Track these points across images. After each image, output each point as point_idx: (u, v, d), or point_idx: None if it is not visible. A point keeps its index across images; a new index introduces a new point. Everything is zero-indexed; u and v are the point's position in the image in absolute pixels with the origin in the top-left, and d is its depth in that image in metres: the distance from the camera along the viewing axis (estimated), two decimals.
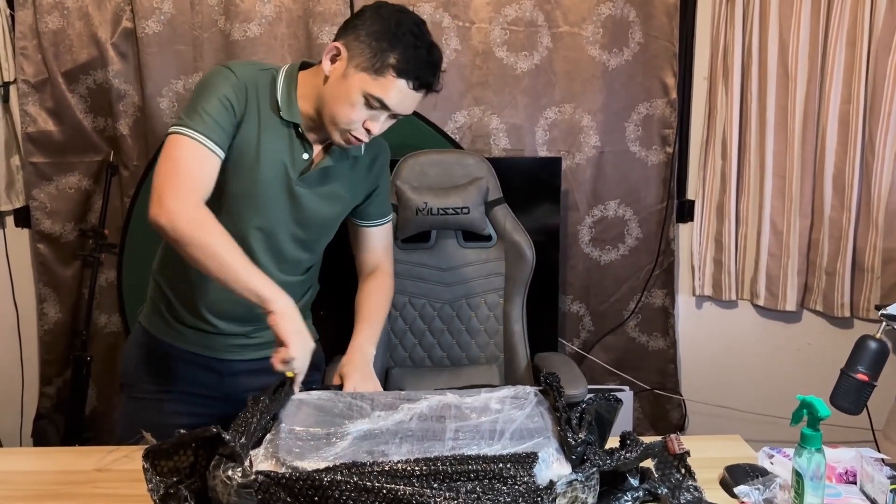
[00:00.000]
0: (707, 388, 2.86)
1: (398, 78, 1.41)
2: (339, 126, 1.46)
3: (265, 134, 1.48)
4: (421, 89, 1.44)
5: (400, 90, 1.42)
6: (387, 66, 1.40)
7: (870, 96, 2.46)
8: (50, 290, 2.72)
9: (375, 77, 1.40)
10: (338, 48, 1.44)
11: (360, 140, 1.48)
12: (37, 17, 2.53)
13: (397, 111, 1.45)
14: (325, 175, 1.56)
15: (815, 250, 2.62)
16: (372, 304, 1.68)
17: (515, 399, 1.33)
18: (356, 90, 1.41)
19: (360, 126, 1.45)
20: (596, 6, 2.60)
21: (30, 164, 2.64)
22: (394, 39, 1.40)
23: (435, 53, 1.46)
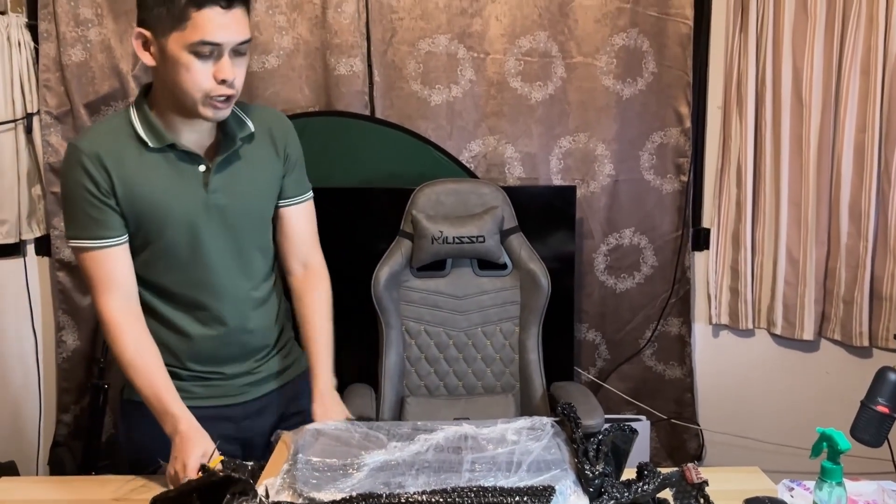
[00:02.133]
0: (725, 417, 2.83)
1: (202, 9, 1.31)
2: (196, 96, 1.37)
3: (150, 175, 1.43)
4: (233, 4, 1.34)
5: (212, 19, 1.32)
6: (183, 7, 1.31)
7: (885, 124, 2.46)
8: (69, 317, 2.75)
9: (184, 26, 1.32)
10: (139, 33, 1.38)
11: (225, 97, 1.39)
12: (60, 50, 2.58)
13: (228, 41, 1.34)
14: (228, 171, 1.48)
15: (832, 279, 2.60)
16: (317, 326, 1.61)
17: (532, 430, 1.32)
18: (179, 51, 1.33)
19: (213, 83, 1.36)
20: (609, 37, 2.63)
21: (51, 194, 2.67)
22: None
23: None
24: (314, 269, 1.65)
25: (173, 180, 1.44)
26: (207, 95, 1.37)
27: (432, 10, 2.60)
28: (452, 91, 2.66)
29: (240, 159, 1.50)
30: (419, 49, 2.63)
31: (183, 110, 1.41)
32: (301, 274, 1.65)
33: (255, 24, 2.58)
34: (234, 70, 1.37)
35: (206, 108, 1.39)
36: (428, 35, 2.61)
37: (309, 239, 1.65)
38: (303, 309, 1.63)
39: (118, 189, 1.41)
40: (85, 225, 1.41)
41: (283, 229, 1.62)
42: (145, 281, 1.50)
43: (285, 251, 1.64)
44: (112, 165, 1.41)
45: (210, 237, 1.48)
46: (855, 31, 2.44)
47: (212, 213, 1.47)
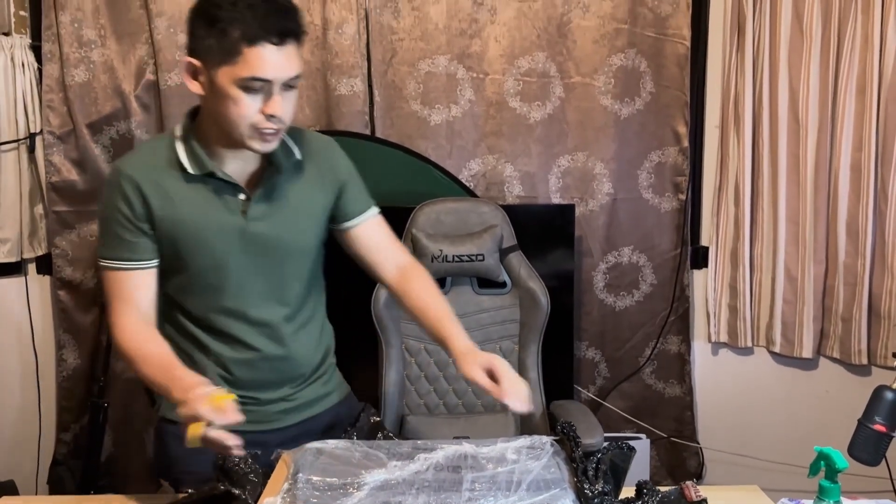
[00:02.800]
0: (724, 435, 2.83)
1: (254, 45, 1.28)
2: (242, 130, 1.35)
3: (188, 201, 1.42)
4: (285, 40, 1.31)
5: (264, 56, 1.29)
6: (235, 42, 1.28)
7: (881, 144, 2.48)
8: (69, 336, 2.75)
9: (234, 61, 1.29)
10: (189, 63, 1.35)
11: (272, 130, 1.36)
12: (63, 70, 2.60)
13: (279, 77, 1.32)
14: (270, 199, 1.46)
15: (830, 297, 2.61)
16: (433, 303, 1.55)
17: (532, 449, 1.33)
18: (228, 85, 1.31)
19: (262, 117, 1.34)
20: (607, 57, 2.65)
21: (53, 213, 2.69)
22: (227, 14, 1.29)
23: (274, 1, 1.32)
24: (407, 267, 1.61)
25: (212, 207, 1.43)
26: (255, 128, 1.35)
27: (432, 32, 2.63)
28: (452, 111, 2.68)
29: (284, 187, 1.48)
30: (419, 69, 2.65)
31: (229, 140, 1.40)
32: (396, 275, 1.61)
33: None
34: (284, 104, 1.35)
35: (254, 140, 1.37)
36: (428, 56, 2.64)
37: (390, 246, 1.62)
38: (411, 299, 1.58)
39: (155, 215, 1.41)
40: (115, 246, 1.42)
41: (361, 247, 1.60)
42: (180, 305, 1.51)
43: (372, 266, 1.61)
44: (150, 191, 1.40)
45: (245, 265, 1.47)
46: (850, 51, 2.46)
47: (248, 242, 1.45)
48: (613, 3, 2.63)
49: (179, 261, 1.46)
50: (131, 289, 1.43)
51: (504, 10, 2.63)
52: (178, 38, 2.60)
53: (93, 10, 2.59)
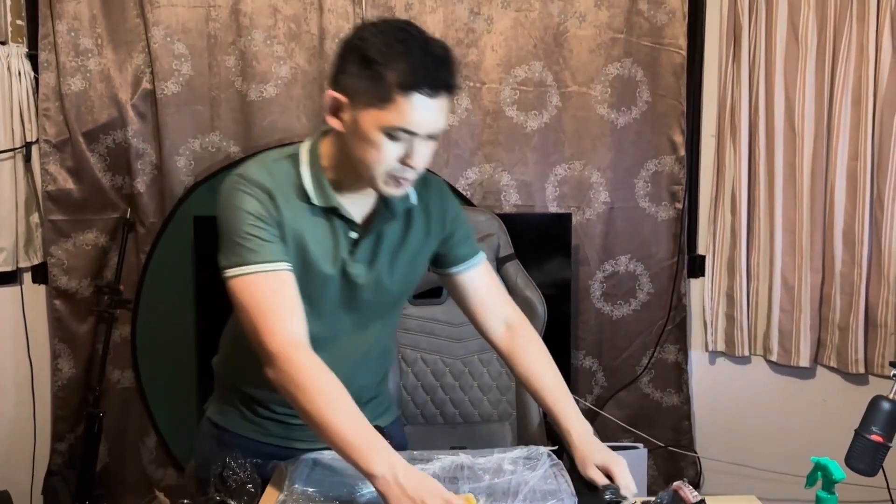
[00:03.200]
0: (722, 445, 2.82)
1: (408, 94, 1.22)
2: (377, 175, 1.28)
3: (305, 229, 1.34)
4: (439, 93, 1.24)
5: (416, 106, 1.23)
6: (389, 88, 1.22)
7: (877, 153, 2.48)
8: (65, 345, 2.74)
9: (384, 106, 1.23)
10: (335, 97, 1.29)
11: (406, 179, 1.30)
12: (60, 79, 2.60)
13: (426, 131, 1.26)
14: (378, 242, 1.41)
15: (827, 305, 2.61)
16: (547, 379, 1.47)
17: (528, 460, 1.33)
18: (372, 129, 1.24)
19: (398, 163, 1.28)
20: (603, 66, 2.66)
21: (48, 222, 2.68)
22: (383, 57, 1.22)
23: (434, 48, 1.26)
24: (516, 325, 1.54)
25: (323, 238, 1.37)
26: (391, 174, 1.29)
27: None
28: (449, 120, 2.67)
29: (393, 232, 1.43)
30: None
31: (358, 179, 1.34)
32: (504, 333, 1.54)
33: (253, 53, 2.61)
34: (424, 154, 1.29)
35: (388, 186, 1.31)
36: None
37: (496, 297, 1.55)
38: (520, 366, 1.50)
39: (285, 226, 1.32)
40: (252, 250, 1.28)
41: (464, 295, 1.54)
42: None
43: (477, 315, 1.54)
44: (281, 202, 1.32)
45: (338, 299, 1.41)
46: (846, 61, 2.47)
47: (348, 282, 1.40)
48: (610, 13, 2.63)
49: None
50: (285, 294, 1.29)
51: (500, 20, 2.64)
52: (175, 47, 2.61)
53: (89, 19, 2.60)
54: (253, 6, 2.60)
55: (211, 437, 1.54)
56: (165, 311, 2.67)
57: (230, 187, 1.33)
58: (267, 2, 2.60)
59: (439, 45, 1.28)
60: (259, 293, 1.27)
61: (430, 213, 1.47)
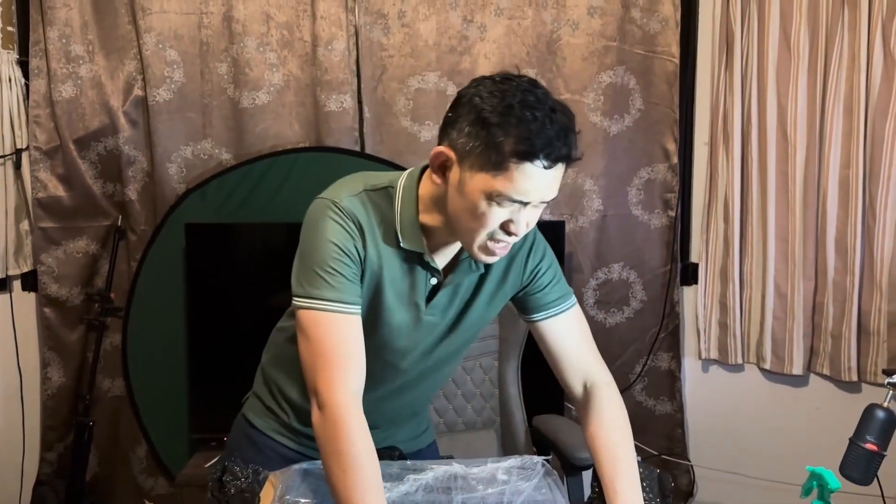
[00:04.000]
0: (716, 453, 2.82)
1: (522, 163, 1.13)
2: (474, 240, 1.22)
3: (388, 267, 1.30)
4: (556, 164, 1.16)
5: (530, 176, 1.14)
6: (504, 154, 1.13)
7: (869, 161, 2.49)
8: (54, 354, 2.72)
9: (497, 173, 1.14)
10: (443, 153, 1.20)
11: (503, 245, 1.23)
12: (51, 86, 2.59)
13: (538, 200, 1.18)
14: (455, 293, 1.35)
15: (819, 313, 2.62)
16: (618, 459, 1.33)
17: (522, 469, 1.31)
18: (479, 195, 1.17)
19: (500, 230, 1.20)
20: (597, 74, 2.66)
21: (39, 229, 2.66)
22: (502, 120, 1.14)
23: (559, 117, 1.16)
24: (598, 388, 1.41)
25: (402, 281, 1.32)
26: (490, 238, 1.22)
27: (422, 48, 2.63)
28: None
29: (472, 284, 1.37)
30: (409, 86, 2.65)
31: (452, 236, 1.28)
32: (583, 394, 1.42)
33: (245, 60, 2.61)
34: (531, 221, 1.22)
35: (482, 251, 1.24)
36: (418, 72, 2.64)
37: (581, 351, 1.42)
38: (591, 432, 1.38)
39: (367, 262, 1.28)
40: (332, 286, 1.24)
41: (550, 345, 1.43)
42: None
43: (559, 369, 1.43)
44: (369, 238, 1.27)
45: (401, 347, 1.37)
46: (837, 69, 2.48)
47: (419, 328, 1.35)
48: (602, 21, 2.64)
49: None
50: (351, 341, 1.25)
51: (493, 28, 2.64)
52: (167, 54, 2.60)
53: (81, 25, 2.59)
54: (245, 13, 2.59)
55: (242, 433, 1.51)
56: (156, 320, 2.65)
57: (321, 212, 1.28)
58: (259, 9, 2.60)
59: (563, 111, 1.18)
60: (328, 334, 1.24)
61: (514, 261, 1.38)
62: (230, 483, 1.39)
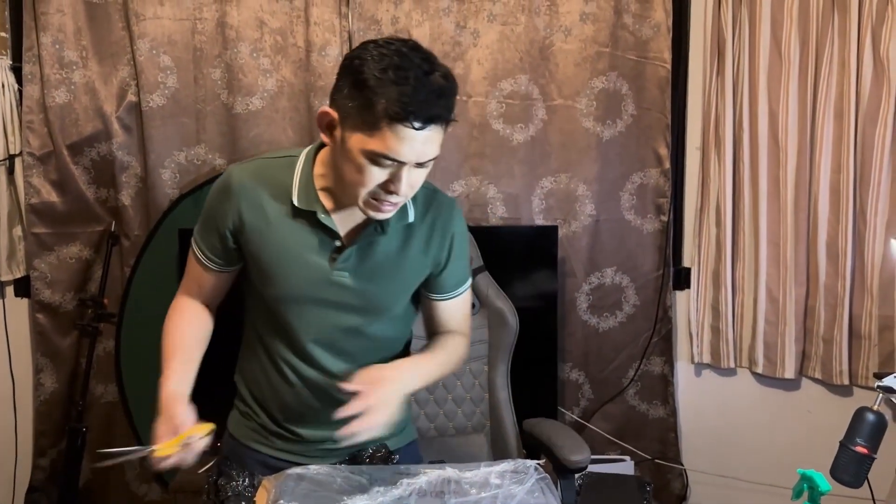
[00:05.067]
0: (709, 457, 2.83)
1: (394, 124, 1.20)
2: (359, 196, 1.29)
3: (281, 231, 1.39)
4: (429, 125, 1.22)
5: (402, 137, 1.21)
6: (378, 116, 1.20)
7: (859, 166, 2.51)
8: (47, 359, 2.71)
9: (371, 132, 1.22)
10: (328, 114, 1.29)
11: (389, 203, 1.30)
12: (44, 91, 2.59)
13: (412, 160, 1.25)
14: (364, 256, 1.41)
15: (811, 318, 2.63)
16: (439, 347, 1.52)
17: (515, 473, 1.32)
18: (358, 152, 1.24)
19: (380, 189, 1.28)
20: (589, 80, 2.68)
21: (32, 235, 2.66)
22: (377, 83, 1.20)
23: (432, 80, 1.22)
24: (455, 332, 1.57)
25: (303, 244, 1.40)
26: (373, 197, 1.29)
27: None
28: None
29: (383, 247, 1.42)
30: None
31: (344, 194, 1.36)
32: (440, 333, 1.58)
33: (239, 66, 2.61)
34: (411, 181, 1.28)
35: (369, 208, 1.31)
36: None
37: (459, 323, 1.57)
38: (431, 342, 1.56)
39: (247, 233, 1.42)
40: (205, 239, 1.47)
41: (434, 317, 1.56)
42: (254, 325, 1.53)
43: (433, 327, 1.58)
44: (251, 208, 1.41)
45: (318, 309, 1.43)
46: (828, 75, 2.50)
47: (329, 289, 1.41)
48: (595, 27, 2.65)
49: (266, 286, 1.44)
50: (203, 283, 1.51)
51: (486, 34, 2.65)
52: (161, 60, 2.60)
53: (74, 31, 2.59)
54: (239, 19, 2.60)
55: (228, 447, 1.58)
56: (150, 325, 2.60)
57: (221, 179, 1.44)
58: (253, 15, 2.61)
59: (440, 74, 1.23)
60: (192, 270, 1.51)
61: (433, 231, 1.46)
62: (226, 486, 1.39)
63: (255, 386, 1.54)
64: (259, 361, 1.52)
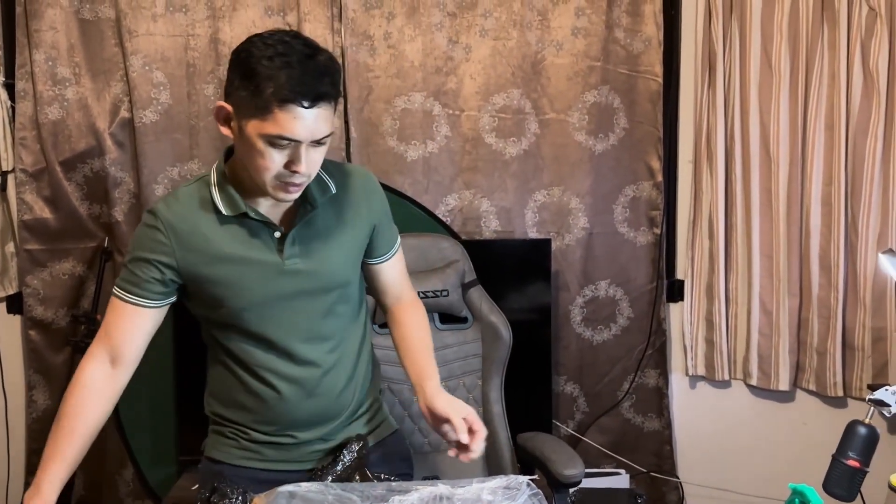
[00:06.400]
0: (704, 469, 2.82)
1: (284, 105, 1.28)
2: (266, 180, 1.36)
3: (224, 244, 1.44)
4: (317, 104, 1.30)
5: (294, 117, 1.29)
6: (267, 101, 1.28)
7: (850, 178, 2.52)
8: (40, 376, 2.70)
9: (265, 117, 1.29)
10: (223, 107, 1.36)
11: (294, 185, 1.37)
12: (37, 108, 2.59)
13: (307, 138, 1.32)
14: (307, 236, 1.47)
15: (805, 329, 2.63)
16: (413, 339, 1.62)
17: (508, 490, 1.31)
18: (256, 138, 1.31)
19: (285, 170, 1.34)
20: (581, 94, 2.69)
21: (24, 251, 2.66)
22: (263, 70, 1.28)
23: (315, 62, 1.31)
24: (406, 301, 1.68)
25: (248, 248, 1.44)
26: (279, 180, 1.36)
27: (408, 69, 2.65)
28: (428, 147, 2.69)
29: (319, 223, 1.49)
30: (395, 106, 2.67)
31: (257, 186, 1.41)
32: (394, 307, 1.68)
33: None
34: (310, 159, 1.35)
35: (277, 191, 1.38)
36: (404, 93, 2.66)
37: (400, 282, 1.68)
38: (397, 331, 1.66)
39: (189, 261, 1.43)
40: (128, 280, 1.45)
41: (376, 280, 1.65)
42: (222, 344, 1.52)
43: (378, 294, 1.68)
44: (185, 236, 1.43)
45: (283, 303, 1.48)
46: (818, 88, 2.51)
47: (287, 280, 1.46)
48: (586, 41, 2.66)
49: (220, 303, 1.46)
50: (114, 320, 1.46)
51: (479, 49, 2.66)
52: (154, 76, 2.61)
53: (67, 48, 2.59)
54: (232, 35, 2.61)
55: (211, 472, 1.56)
56: None
57: (144, 219, 1.47)
58: (245, 31, 2.61)
59: (322, 55, 1.33)
60: (109, 312, 1.48)
61: (357, 201, 1.54)
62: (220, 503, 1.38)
63: (237, 406, 1.54)
64: (237, 380, 1.52)
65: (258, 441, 1.55)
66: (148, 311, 1.46)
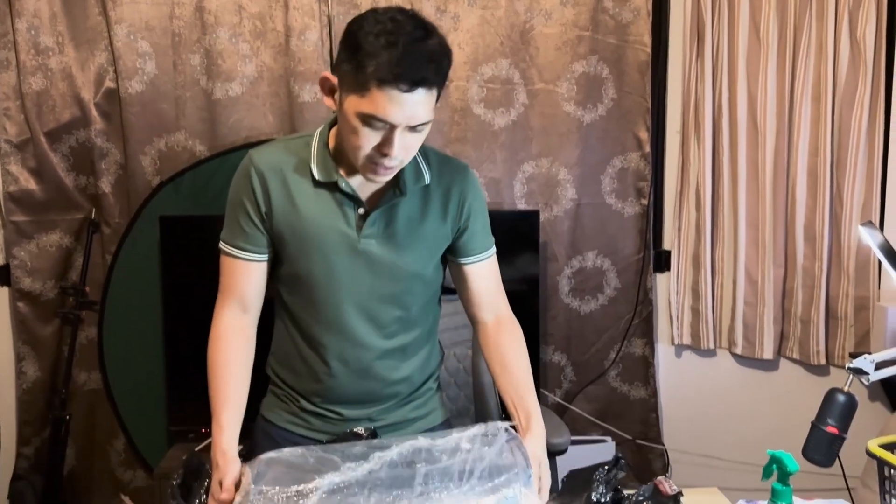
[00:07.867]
0: (689, 437, 2.86)
1: (383, 86, 1.24)
2: (357, 158, 1.34)
3: (310, 206, 1.42)
4: (416, 89, 1.25)
5: (391, 99, 1.25)
6: (367, 79, 1.25)
7: (836, 149, 2.53)
8: (29, 348, 2.71)
9: (363, 94, 1.26)
10: (327, 78, 1.34)
11: (385, 167, 1.34)
12: (20, 78, 2.57)
13: (403, 122, 1.28)
14: (389, 220, 1.44)
15: (789, 299, 2.66)
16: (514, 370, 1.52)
17: (486, 437, 1.31)
18: (352, 114, 1.29)
19: (375, 152, 1.31)
20: (570, 64, 2.68)
21: (11, 223, 2.64)
22: (368, 47, 1.25)
23: (420, 46, 1.26)
24: (502, 318, 1.57)
25: (330, 215, 1.43)
26: (370, 160, 1.33)
27: None
28: None
29: (405, 210, 1.45)
30: None
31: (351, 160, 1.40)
32: (490, 324, 1.58)
33: (218, 51, 2.60)
34: (404, 144, 1.31)
35: (367, 171, 1.36)
36: None
37: (494, 291, 1.58)
38: (495, 354, 1.55)
39: (275, 212, 1.43)
40: (233, 232, 1.46)
41: (468, 285, 1.56)
42: (286, 305, 1.52)
43: (471, 304, 1.58)
44: (276, 187, 1.43)
45: (350, 280, 1.45)
46: (805, 59, 2.51)
47: (358, 258, 1.44)
48: (575, 11, 2.65)
49: (294, 263, 1.46)
50: (237, 279, 1.47)
51: (467, 18, 2.64)
52: (139, 46, 2.58)
53: (50, 16, 2.56)
54: (217, 4, 2.58)
55: (261, 430, 1.59)
56: (132, 312, 2.65)
57: (239, 167, 1.46)
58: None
59: (433, 39, 1.28)
60: (226, 271, 1.48)
61: (449, 196, 1.48)
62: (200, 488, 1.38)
63: (291, 370, 1.55)
64: (294, 345, 1.52)
65: (306, 409, 1.54)
66: (258, 265, 1.48)
